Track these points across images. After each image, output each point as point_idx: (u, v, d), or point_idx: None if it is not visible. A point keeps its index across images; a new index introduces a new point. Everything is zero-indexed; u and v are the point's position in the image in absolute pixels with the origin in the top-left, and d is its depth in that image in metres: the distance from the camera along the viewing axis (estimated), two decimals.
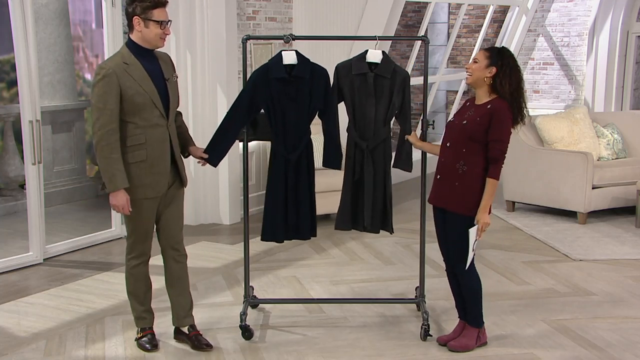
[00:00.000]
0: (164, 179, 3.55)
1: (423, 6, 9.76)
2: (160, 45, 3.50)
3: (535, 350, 3.78)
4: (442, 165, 3.67)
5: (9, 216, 6.57)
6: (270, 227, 3.91)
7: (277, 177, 3.85)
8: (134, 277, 3.70)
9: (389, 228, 3.99)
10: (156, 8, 3.40)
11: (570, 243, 5.75)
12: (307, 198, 3.90)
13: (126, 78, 3.38)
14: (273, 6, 6.87)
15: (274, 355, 3.71)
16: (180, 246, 3.75)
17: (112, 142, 3.38)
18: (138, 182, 3.49)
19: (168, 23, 3.46)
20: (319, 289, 4.73)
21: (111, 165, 3.40)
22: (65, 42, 7.26)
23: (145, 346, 3.72)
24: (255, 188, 6.66)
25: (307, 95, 3.80)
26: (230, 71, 6.23)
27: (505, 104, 3.54)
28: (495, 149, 3.51)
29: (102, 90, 3.36)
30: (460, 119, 3.63)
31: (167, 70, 3.55)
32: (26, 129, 5.06)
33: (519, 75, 3.56)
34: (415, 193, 4.25)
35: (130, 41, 3.48)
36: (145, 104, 3.43)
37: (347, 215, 3.98)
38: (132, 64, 3.42)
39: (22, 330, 4.03)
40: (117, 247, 5.67)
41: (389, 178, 3.94)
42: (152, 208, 3.58)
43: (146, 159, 3.48)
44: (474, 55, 3.67)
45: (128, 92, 3.39)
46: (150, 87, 3.44)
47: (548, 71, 9.76)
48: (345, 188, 3.97)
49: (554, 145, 6.64)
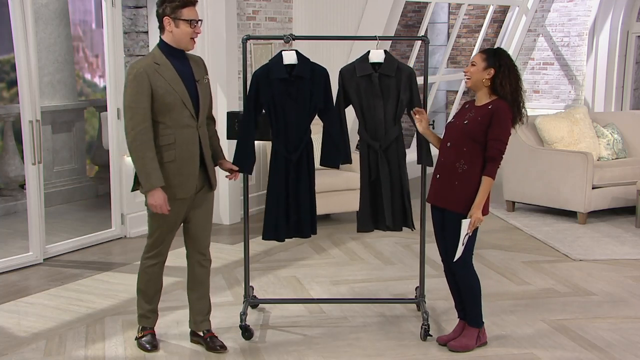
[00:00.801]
0: (192, 181, 3.53)
1: (423, 6, 9.76)
2: (191, 47, 3.50)
3: (535, 350, 3.78)
4: (441, 164, 3.67)
5: (9, 216, 6.57)
6: (271, 226, 3.92)
7: (278, 177, 3.86)
8: (147, 275, 3.70)
9: (410, 225, 4.00)
10: (185, 7, 3.41)
11: (570, 243, 5.74)
12: (308, 197, 3.90)
13: (157, 78, 3.39)
14: (273, 6, 6.87)
15: (274, 355, 3.71)
16: (207, 251, 3.74)
17: (146, 141, 3.38)
18: (166, 183, 3.47)
19: (199, 22, 3.46)
20: (319, 289, 4.73)
21: (146, 165, 3.39)
22: (65, 42, 7.25)
23: (145, 346, 3.72)
24: (255, 188, 6.66)
25: (308, 94, 3.81)
26: (230, 71, 6.24)
27: (506, 104, 3.54)
28: (494, 148, 3.51)
29: (134, 90, 3.37)
30: (461, 120, 3.63)
31: (198, 72, 3.54)
32: (26, 129, 5.06)
33: (517, 75, 3.57)
34: (415, 193, 4.24)
35: (161, 42, 3.48)
36: (176, 104, 3.43)
37: (367, 217, 3.99)
38: (163, 64, 3.42)
39: (22, 330, 4.03)
40: (117, 247, 5.67)
41: (405, 175, 3.96)
42: (178, 210, 3.57)
43: (175, 160, 3.47)
44: (471, 58, 3.66)
45: (159, 92, 3.39)
46: (180, 87, 3.44)
47: (548, 71, 9.76)
48: (363, 190, 3.98)
49: (554, 145, 6.64)
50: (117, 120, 5.75)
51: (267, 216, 3.92)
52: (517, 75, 3.57)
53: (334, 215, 6.55)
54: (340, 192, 6.24)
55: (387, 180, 3.92)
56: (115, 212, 5.86)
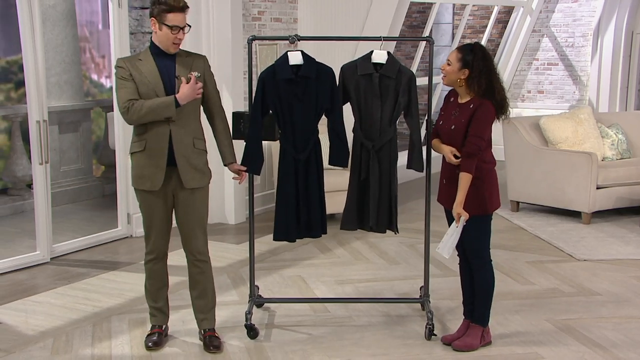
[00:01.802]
0: (159, 174, 3.55)
1: (428, 7, 9.75)
2: (172, 51, 3.54)
3: (539, 349, 3.77)
4: (444, 169, 3.68)
5: (17, 215, 6.59)
6: (282, 227, 3.91)
7: (288, 177, 3.85)
8: (147, 272, 3.77)
9: (394, 228, 3.99)
10: (171, 12, 3.45)
11: (575, 243, 5.73)
12: (318, 196, 3.91)
13: (135, 70, 3.50)
14: (278, 7, 6.87)
15: (279, 354, 3.72)
16: (196, 251, 3.70)
17: (132, 105, 3.46)
18: (139, 172, 3.58)
19: (184, 28, 3.49)
20: (324, 288, 4.73)
21: (152, 106, 3.45)
22: (72, 42, 7.27)
23: (147, 344, 3.75)
24: (261, 188, 6.66)
25: (314, 94, 3.81)
26: (235, 71, 6.24)
27: (488, 102, 3.53)
28: (472, 143, 3.50)
29: (118, 75, 3.51)
30: (449, 123, 3.62)
31: (181, 69, 3.56)
32: (33, 129, 5.07)
33: (490, 75, 3.52)
34: (419, 193, 4.24)
35: (151, 41, 3.59)
36: (149, 94, 3.49)
37: (352, 215, 3.98)
38: (145, 60, 3.53)
39: (29, 328, 4.04)
40: (123, 247, 5.68)
41: (395, 178, 3.94)
42: (154, 203, 3.59)
43: (144, 150, 3.54)
44: (448, 55, 3.64)
45: (134, 81, 3.49)
46: (155, 80, 3.50)
47: (552, 72, 9.74)
48: (351, 188, 3.97)
49: (559, 145, 6.62)
50: (123, 121, 5.75)
51: (278, 217, 3.91)
52: (490, 76, 3.51)
53: (338, 215, 6.53)
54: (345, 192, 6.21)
55: (376, 180, 3.90)
56: (121, 211, 5.87)
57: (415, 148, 3.90)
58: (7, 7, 7.36)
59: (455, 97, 3.67)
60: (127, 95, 3.48)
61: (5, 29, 7.46)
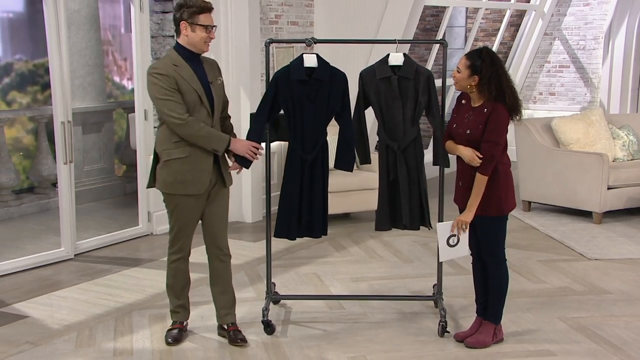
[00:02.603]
0: (205, 177, 3.56)
1: (441, 10, 9.71)
2: (205, 50, 3.55)
3: (551, 346, 3.74)
4: (460, 172, 3.65)
5: (42, 213, 6.65)
6: (284, 224, 3.90)
7: (293, 176, 3.85)
8: (172, 271, 3.74)
9: (427, 224, 3.99)
10: (202, 13, 3.47)
11: (586, 242, 5.68)
12: (321, 198, 3.89)
13: (177, 77, 3.46)
14: (295, 11, 6.88)
15: (295, 349, 3.72)
16: (224, 245, 3.75)
17: (191, 122, 3.44)
18: (180, 178, 3.53)
19: (213, 28, 3.52)
20: (339, 285, 4.72)
21: (209, 135, 3.47)
22: (95, 46, 7.33)
23: (167, 340, 3.76)
24: (277, 187, 6.63)
25: (326, 97, 3.80)
26: (253, 74, 6.25)
27: (501, 105, 3.49)
28: (488, 150, 3.48)
29: (160, 85, 3.42)
30: (464, 127, 3.58)
31: (210, 74, 3.59)
32: (58, 130, 5.11)
33: (500, 79, 3.47)
34: (433, 192, 4.22)
35: (177, 45, 3.54)
36: (195, 102, 3.49)
37: (385, 216, 3.99)
38: (181, 65, 3.49)
39: (55, 322, 4.07)
40: (144, 244, 5.71)
41: (423, 175, 3.94)
42: (193, 206, 3.60)
43: (189, 155, 3.51)
44: (457, 63, 3.60)
45: (181, 89, 3.45)
46: (198, 86, 3.50)
47: (564, 74, 9.65)
48: (382, 189, 3.97)
49: (570, 146, 6.56)
50: (144, 121, 5.80)
51: (280, 214, 3.91)
52: (500, 80, 3.47)
53: (354, 214, 6.54)
54: (360, 192, 6.23)
55: (405, 180, 3.91)
56: (142, 210, 5.91)
57: (440, 145, 3.89)
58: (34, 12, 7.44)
59: (467, 99, 3.65)
60: (180, 107, 3.43)
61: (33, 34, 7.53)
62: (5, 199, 6.50)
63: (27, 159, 7.21)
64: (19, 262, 5.02)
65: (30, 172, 6.92)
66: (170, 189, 3.57)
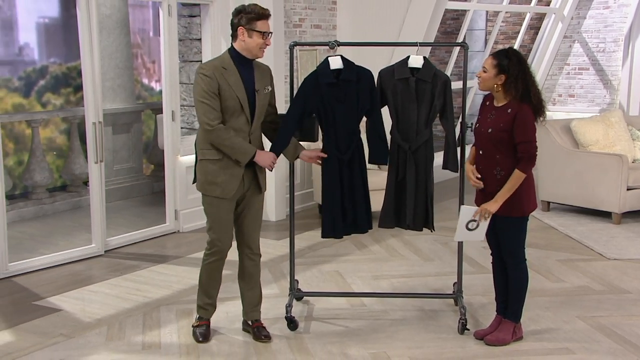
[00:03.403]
0: (235, 182, 3.55)
1: (462, 14, 9.64)
2: (260, 56, 3.55)
3: (570, 345, 3.69)
4: (481, 172, 3.61)
5: (74, 211, 6.73)
6: (329, 225, 3.90)
7: (333, 177, 3.84)
8: (208, 272, 3.72)
9: (430, 226, 3.96)
10: (260, 20, 3.48)
11: (605, 242, 5.60)
12: (362, 194, 3.90)
13: (222, 81, 3.46)
14: (318, 14, 6.88)
15: (317, 345, 3.72)
16: (255, 245, 3.76)
17: (221, 129, 3.44)
18: (212, 179, 3.54)
19: (270, 35, 3.52)
20: (361, 283, 4.71)
21: (234, 144, 3.46)
22: (125, 49, 7.39)
23: (197, 336, 3.76)
24: (300, 187, 6.67)
25: (355, 96, 3.79)
26: (277, 76, 6.23)
27: (525, 105, 3.46)
28: (525, 150, 3.45)
29: (204, 87, 3.43)
30: (485, 126, 3.56)
31: (260, 82, 3.58)
32: (90, 130, 5.17)
33: (526, 78, 3.45)
34: (454, 192, 4.19)
35: (232, 49, 3.55)
36: (235, 108, 3.49)
37: (390, 214, 3.96)
38: (230, 69, 3.49)
39: (86, 315, 4.12)
40: (171, 241, 5.76)
41: (431, 178, 3.91)
42: (225, 207, 3.59)
43: (222, 159, 3.52)
44: (483, 62, 3.57)
45: (222, 95, 3.46)
46: (242, 94, 3.49)
47: (583, 76, 9.53)
48: (389, 188, 3.95)
49: (589, 147, 6.48)
50: (171, 122, 5.83)
51: (325, 215, 3.90)
52: (527, 78, 3.46)
53: (374, 213, 6.50)
54: (381, 192, 6.19)
55: (412, 180, 3.87)
56: (169, 208, 5.95)
57: (451, 149, 3.87)
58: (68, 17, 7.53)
59: (491, 100, 3.62)
60: (213, 113, 3.43)
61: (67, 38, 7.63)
62: (39, 197, 6.59)
63: (60, 159, 7.31)
64: (53, 257, 5.09)
65: (63, 171, 7.01)
66: (202, 188, 3.59)
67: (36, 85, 7.44)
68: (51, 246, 5.46)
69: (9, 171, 6.44)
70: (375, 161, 3.90)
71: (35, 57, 7.59)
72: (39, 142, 6.59)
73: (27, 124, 6.80)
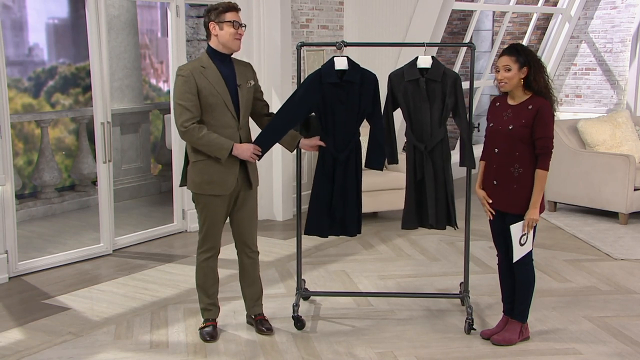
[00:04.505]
0: (232, 178, 3.57)
1: (468, 14, 9.61)
2: (236, 48, 3.55)
3: (577, 345, 3.68)
4: (496, 171, 3.59)
5: (83, 210, 6.75)
6: (314, 221, 3.89)
7: (324, 174, 3.83)
8: (203, 270, 3.74)
9: (453, 224, 3.95)
10: (228, 12, 3.51)
11: (612, 243, 5.57)
12: (355, 196, 3.88)
13: (202, 79, 3.47)
14: (325, 15, 6.88)
15: (324, 344, 3.72)
16: (252, 243, 3.78)
17: (194, 128, 3.45)
18: (207, 178, 3.55)
19: (241, 26, 3.53)
20: (367, 283, 4.71)
21: (209, 141, 3.45)
22: (133, 50, 7.41)
23: (204, 337, 3.77)
24: (307, 186, 6.65)
25: (357, 99, 3.79)
26: (284, 76, 6.27)
27: (545, 100, 3.46)
28: (544, 146, 3.45)
29: (182, 88, 3.46)
30: (504, 124, 3.54)
31: (241, 76, 3.59)
32: (98, 130, 5.19)
33: (543, 66, 3.51)
34: (460, 192, 4.18)
35: (209, 47, 3.57)
36: (218, 104, 3.50)
37: (412, 215, 3.97)
38: (209, 67, 3.51)
39: (94, 314, 4.14)
40: (179, 241, 5.77)
41: (450, 176, 3.91)
42: (220, 206, 3.61)
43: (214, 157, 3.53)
44: (498, 63, 3.56)
45: (203, 92, 3.47)
46: (222, 89, 3.50)
47: (590, 76, 9.49)
48: (409, 189, 3.95)
49: (596, 148, 6.45)
50: None
51: (310, 210, 3.90)
52: (544, 66, 3.51)
53: (381, 213, 6.51)
54: (387, 192, 6.20)
55: (431, 180, 3.88)
56: (176, 207, 5.96)
57: (466, 146, 3.86)
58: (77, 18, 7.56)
59: (501, 101, 3.61)
60: (187, 114, 3.44)
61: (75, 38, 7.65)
62: (48, 196, 6.62)
63: (69, 158, 7.33)
64: (61, 256, 5.10)
65: (71, 171, 7.03)
66: (198, 188, 3.59)
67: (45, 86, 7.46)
68: (60, 245, 5.48)
69: (18, 171, 6.47)
70: (370, 166, 3.87)
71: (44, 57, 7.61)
72: (48, 142, 6.62)
73: (37, 124, 6.83)
